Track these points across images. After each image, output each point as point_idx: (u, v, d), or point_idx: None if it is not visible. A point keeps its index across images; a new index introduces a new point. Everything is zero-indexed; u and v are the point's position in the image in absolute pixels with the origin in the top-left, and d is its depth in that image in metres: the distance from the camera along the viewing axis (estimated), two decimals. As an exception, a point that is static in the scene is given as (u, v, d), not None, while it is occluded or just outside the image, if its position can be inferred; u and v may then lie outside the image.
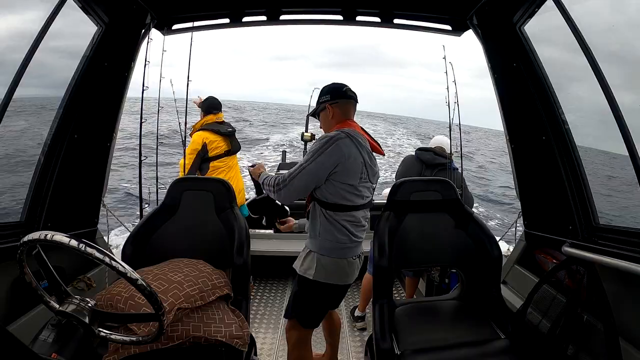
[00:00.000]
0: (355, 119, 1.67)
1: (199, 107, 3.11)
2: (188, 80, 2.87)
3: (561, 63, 1.84)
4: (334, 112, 1.63)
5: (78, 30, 1.75)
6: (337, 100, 1.62)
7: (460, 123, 2.78)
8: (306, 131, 3.91)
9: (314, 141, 3.35)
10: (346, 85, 1.66)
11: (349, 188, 1.53)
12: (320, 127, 1.74)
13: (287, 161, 5.08)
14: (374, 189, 1.67)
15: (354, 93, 1.66)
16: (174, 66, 2.75)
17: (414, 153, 2.70)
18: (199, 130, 3.00)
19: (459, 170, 2.64)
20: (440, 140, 2.70)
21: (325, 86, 1.68)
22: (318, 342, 2.28)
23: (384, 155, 1.71)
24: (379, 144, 1.67)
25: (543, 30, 1.72)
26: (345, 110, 1.63)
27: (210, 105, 3.06)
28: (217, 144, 2.97)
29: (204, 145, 2.92)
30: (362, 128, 1.65)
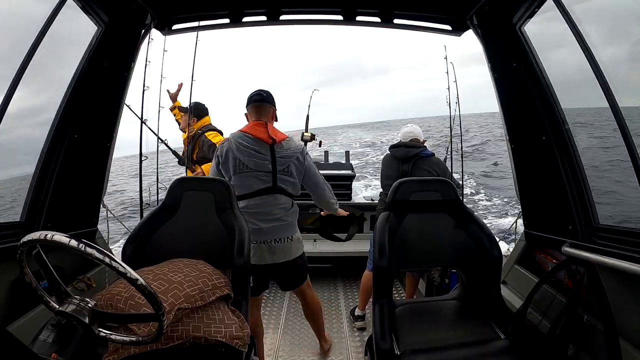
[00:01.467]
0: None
1: (174, 101, 3.06)
2: (192, 80, 2.87)
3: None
4: (248, 117, 1.94)
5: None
6: (247, 107, 1.93)
7: (461, 120, 2.79)
8: (306, 131, 3.92)
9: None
10: (255, 91, 1.92)
11: (233, 180, 1.84)
12: None
13: None
14: (274, 178, 1.84)
15: (258, 95, 1.90)
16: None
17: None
18: (208, 131, 2.95)
19: (436, 156, 2.60)
20: (413, 132, 2.63)
21: None
22: (315, 348, 2.29)
23: (269, 143, 1.83)
24: (271, 136, 1.83)
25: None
26: (254, 113, 1.90)
27: (203, 108, 3.04)
28: None
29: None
30: (265, 124, 1.86)
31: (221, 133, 3.01)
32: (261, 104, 1.89)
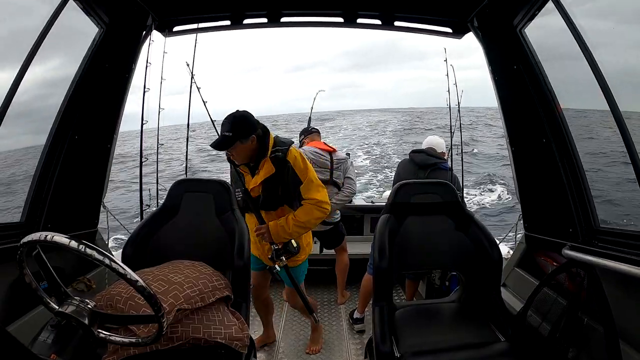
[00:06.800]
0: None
1: None
2: (192, 81, 2.87)
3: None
4: (307, 139, 2.94)
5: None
6: (309, 135, 2.96)
7: (461, 122, 2.80)
8: (307, 128, 3.94)
9: None
10: (314, 128, 3.04)
11: None
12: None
13: None
14: (330, 174, 2.69)
15: (316, 129, 3.03)
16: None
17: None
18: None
19: (453, 171, 2.63)
20: (431, 140, 2.70)
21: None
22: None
23: (329, 151, 2.71)
24: (326, 146, 2.76)
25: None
26: (316, 137, 2.96)
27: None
28: None
29: None
30: (324, 142, 2.86)
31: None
32: (318, 134, 3.01)
